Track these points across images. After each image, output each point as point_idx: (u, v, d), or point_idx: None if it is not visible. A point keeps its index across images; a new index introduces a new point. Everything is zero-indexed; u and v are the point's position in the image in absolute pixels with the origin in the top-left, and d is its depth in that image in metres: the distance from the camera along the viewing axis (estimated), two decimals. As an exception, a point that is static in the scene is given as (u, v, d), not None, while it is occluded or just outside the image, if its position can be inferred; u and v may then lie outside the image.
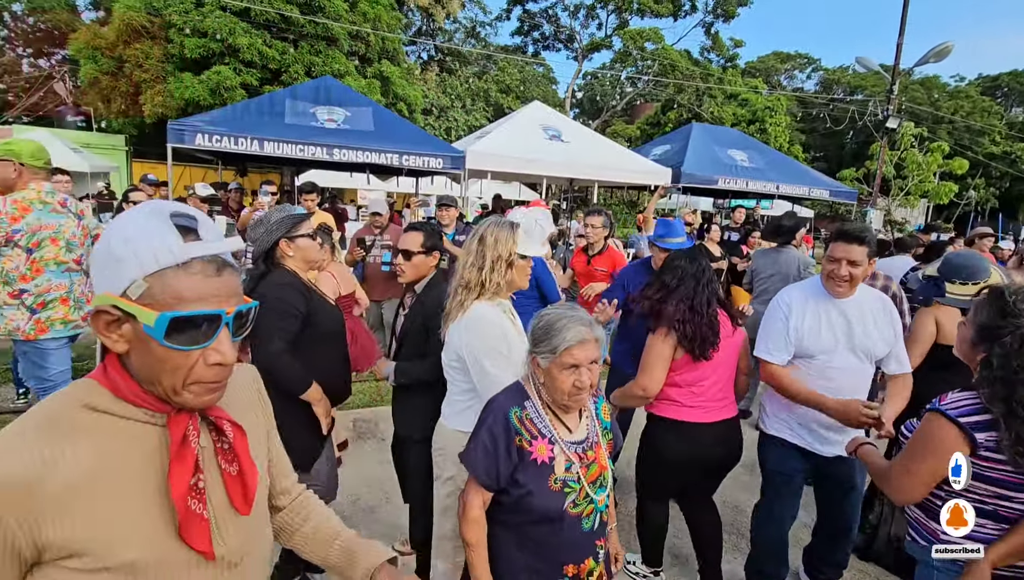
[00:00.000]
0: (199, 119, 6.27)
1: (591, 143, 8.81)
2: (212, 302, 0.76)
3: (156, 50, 13.22)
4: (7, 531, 0.69)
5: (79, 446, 0.74)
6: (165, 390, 0.77)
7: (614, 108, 33.39)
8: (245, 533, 0.88)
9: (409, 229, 2.37)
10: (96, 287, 0.77)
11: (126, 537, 0.75)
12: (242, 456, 0.86)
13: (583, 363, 1.41)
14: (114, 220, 0.80)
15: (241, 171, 14.77)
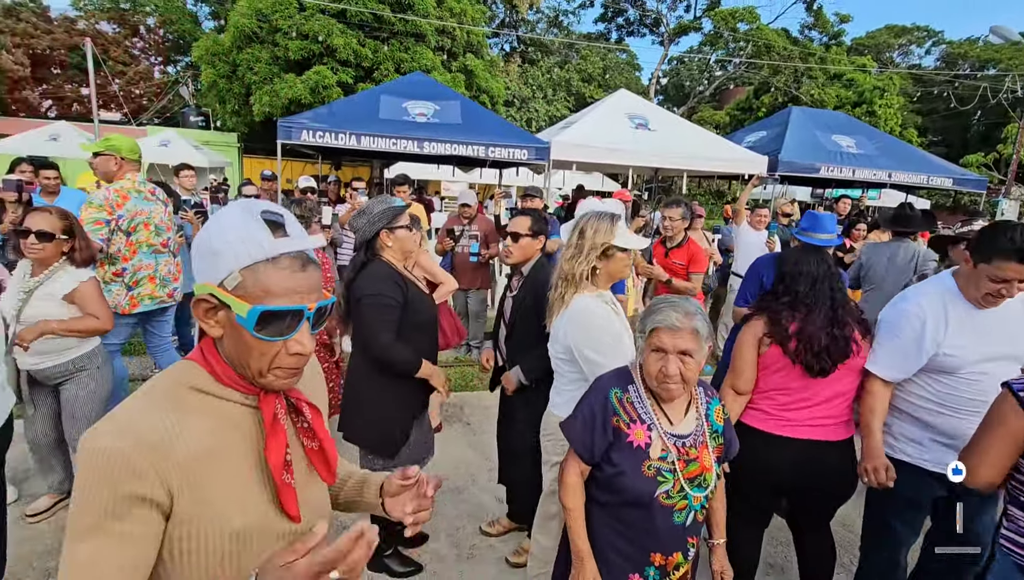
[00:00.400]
0: (304, 116, 6.74)
1: (680, 131, 8.47)
2: (296, 298, 0.82)
3: (264, 54, 14.34)
4: (152, 486, 0.76)
5: (192, 423, 0.81)
6: (252, 373, 0.85)
7: (701, 94, 31.87)
8: (317, 500, 0.97)
9: (518, 214, 2.51)
10: (196, 277, 0.85)
11: (234, 507, 0.83)
12: (320, 432, 0.94)
13: (669, 350, 1.41)
14: (213, 216, 0.88)
15: (336, 165, 15.74)
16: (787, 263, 2.07)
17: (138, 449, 0.75)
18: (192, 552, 0.81)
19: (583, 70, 26.62)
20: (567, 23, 30.82)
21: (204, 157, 12.71)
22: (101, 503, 0.74)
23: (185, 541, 0.80)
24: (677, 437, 1.49)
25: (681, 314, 1.41)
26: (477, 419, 4.20)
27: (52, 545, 2.60)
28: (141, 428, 0.77)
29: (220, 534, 0.82)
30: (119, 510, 0.74)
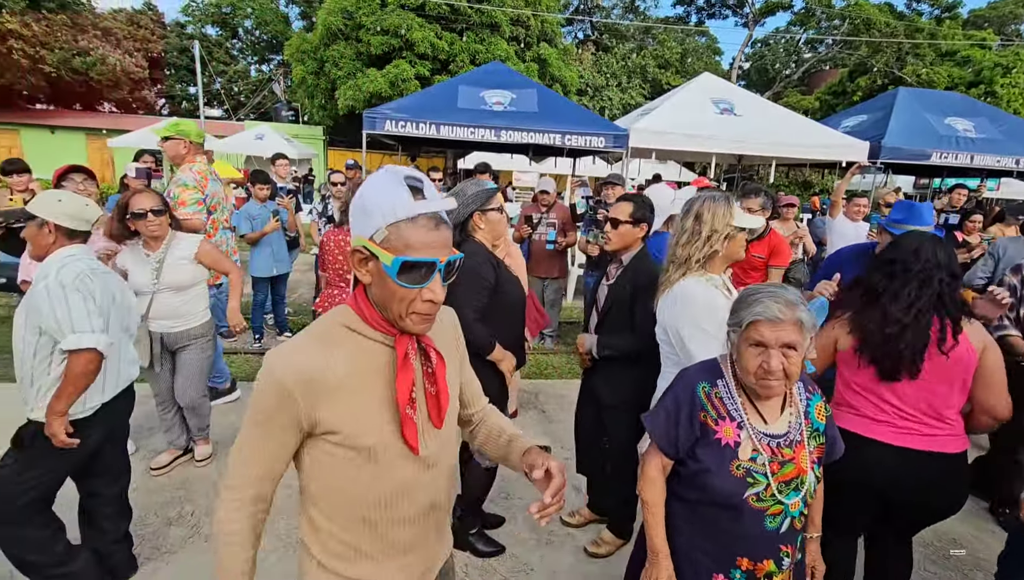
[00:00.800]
0: (387, 107, 6.99)
1: (768, 116, 7.98)
2: (430, 251, 0.94)
3: (349, 50, 15.01)
4: (296, 407, 0.95)
5: (340, 355, 0.98)
6: (393, 315, 0.99)
7: (788, 78, 29.84)
8: (439, 443, 1.10)
9: (621, 199, 2.42)
10: (352, 231, 1.00)
11: (368, 427, 0.99)
12: (440, 380, 1.07)
13: (771, 344, 1.29)
14: (366, 180, 1.00)
15: (412, 156, 16.26)
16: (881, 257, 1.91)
17: (295, 374, 0.94)
18: (330, 460, 1.00)
19: (659, 56, 25.70)
20: (643, 7, 29.84)
21: (294, 149, 13.54)
22: (264, 407, 0.96)
23: (326, 448, 0.99)
24: (771, 437, 1.38)
25: (783, 304, 1.29)
26: (552, 407, 4.21)
27: (172, 496, 2.90)
28: (300, 357, 0.96)
29: (354, 448, 0.99)
30: (274, 415, 0.96)
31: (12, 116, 17.23)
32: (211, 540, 1.07)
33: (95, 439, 2.06)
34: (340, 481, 1.01)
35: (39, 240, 1.98)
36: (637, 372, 2.26)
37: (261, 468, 1.00)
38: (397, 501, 1.05)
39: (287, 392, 0.94)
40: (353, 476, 1.01)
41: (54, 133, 17.43)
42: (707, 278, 1.89)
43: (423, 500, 1.09)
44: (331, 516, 1.04)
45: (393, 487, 1.04)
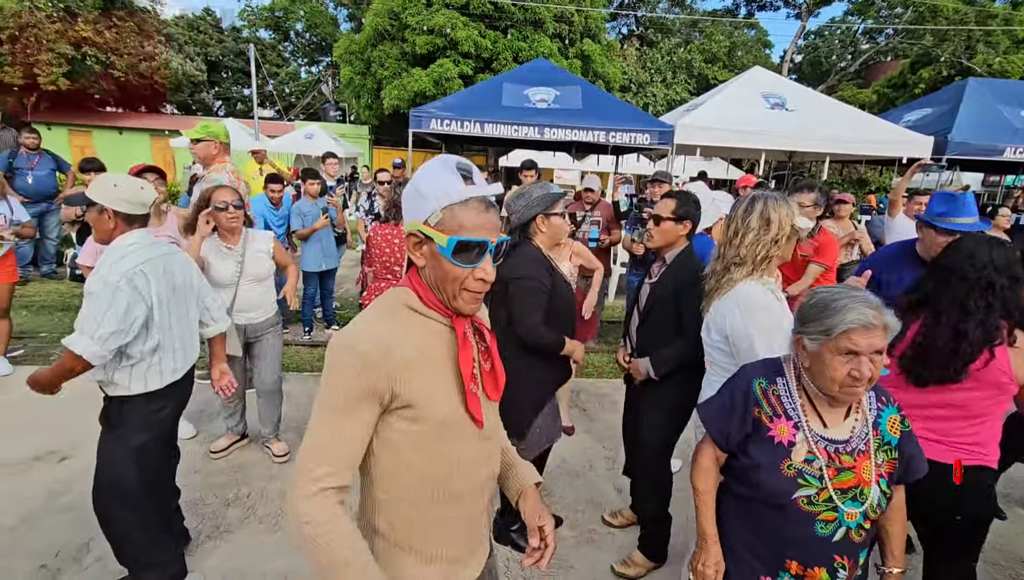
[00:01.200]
0: (433, 106, 7.10)
1: (823, 110, 7.65)
2: (482, 232, 1.00)
3: (395, 50, 15.31)
4: (379, 379, 0.97)
5: (407, 333, 1.02)
6: (447, 296, 1.04)
7: (844, 70, 28.46)
8: (494, 417, 1.18)
9: (665, 196, 2.38)
10: (406, 217, 1.06)
11: (439, 401, 1.03)
12: (495, 356, 1.14)
13: (864, 351, 1.24)
14: (419, 169, 1.07)
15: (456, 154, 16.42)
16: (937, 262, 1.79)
17: (376, 345, 0.97)
18: (401, 438, 1.03)
19: (707, 50, 25.00)
20: (690, 1, 29.11)
21: (341, 148, 13.93)
22: (343, 386, 0.97)
23: (400, 427, 1.02)
24: (829, 441, 1.34)
25: (874, 309, 1.24)
26: (593, 406, 4.19)
27: (229, 479, 3.05)
28: (378, 330, 1.00)
29: (430, 420, 1.02)
30: (356, 394, 0.97)
31: (86, 118, 18.45)
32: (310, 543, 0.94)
33: (172, 409, 2.20)
34: (411, 456, 1.04)
35: (100, 225, 2.03)
36: (679, 375, 2.22)
37: (342, 455, 0.98)
38: (460, 473, 1.08)
39: (371, 363, 0.96)
40: (422, 451, 1.04)
41: (122, 134, 18.56)
42: (763, 282, 1.84)
43: (483, 472, 1.14)
44: (398, 493, 1.06)
45: (457, 459, 1.07)
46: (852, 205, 5.16)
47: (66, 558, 2.40)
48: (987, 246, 1.71)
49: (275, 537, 2.62)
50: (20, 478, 2.92)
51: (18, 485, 2.85)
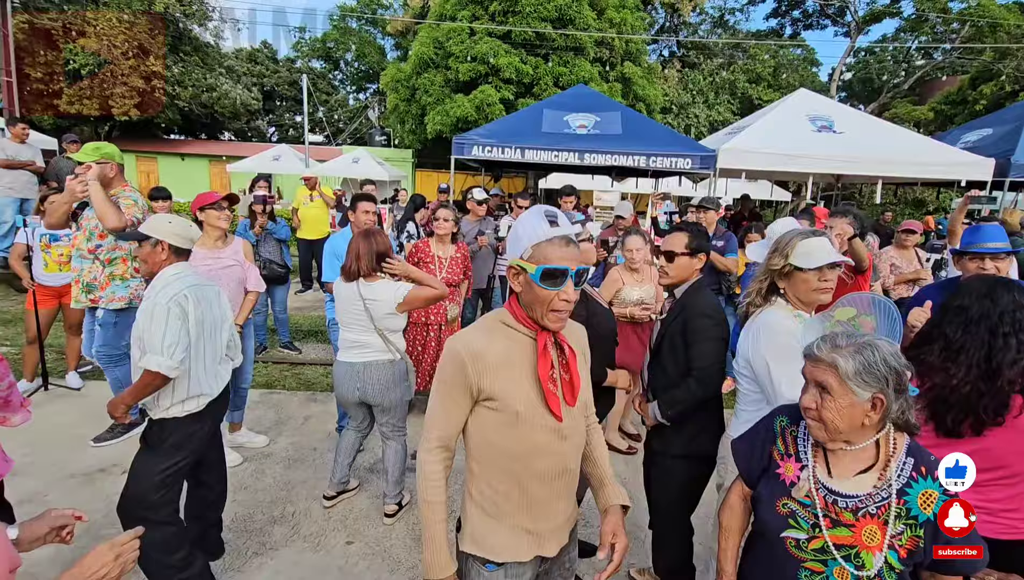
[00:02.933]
0: (475, 133, 7.28)
1: (871, 132, 7.40)
2: (564, 262, 1.26)
3: (439, 77, 15.81)
4: (469, 376, 1.29)
5: (498, 342, 1.33)
6: (536, 315, 1.30)
7: (897, 87, 27.47)
8: (572, 420, 1.38)
9: (676, 229, 2.30)
10: (508, 254, 1.36)
11: (516, 396, 1.31)
12: (572, 368, 1.37)
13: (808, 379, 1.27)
14: (519, 217, 1.37)
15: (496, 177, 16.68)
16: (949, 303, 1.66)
17: (468, 353, 1.30)
18: (490, 423, 1.33)
19: (750, 70, 24.68)
20: (733, 22, 28.89)
21: (385, 172, 14.40)
22: (446, 377, 1.33)
23: (488, 415, 1.33)
24: (830, 491, 1.28)
25: (828, 345, 1.23)
26: (616, 438, 4.13)
27: (275, 497, 3.16)
28: (471, 341, 1.32)
29: (508, 410, 1.31)
30: (453, 384, 1.32)
31: (151, 145, 19.82)
32: (424, 487, 1.36)
33: (207, 429, 2.33)
34: (493, 437, 1.33)
35: (153, 258, 2.25)
36: (694, 419, 2.10)
37: (446, 426, 1.35)
38: (535, 459, 1.33)
39: (461, 363, 1.29)
40: (504, 434, 1.32)
41: (183, 160, 19.82)
42: (797, 315, 1.82)
43: (557, 464, 1.36)
44: (485, 467, 1.37)
45: (532, 446, 1.32)
46: (920, 234, 4.92)
47: (126, 568, 2.53)
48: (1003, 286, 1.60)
49: (318, 555, 2.69)
50: (84, 489, 3.12)
51: (83, 495, 3.04)
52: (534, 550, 1.38)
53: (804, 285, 1.81)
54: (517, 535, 1.36)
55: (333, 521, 2.97)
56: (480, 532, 1.37)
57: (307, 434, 3.90)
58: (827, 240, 1.83)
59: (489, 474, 1.36)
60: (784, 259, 1.83)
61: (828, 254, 1.79)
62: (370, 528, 2.92)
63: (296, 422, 4.07)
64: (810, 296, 1.82)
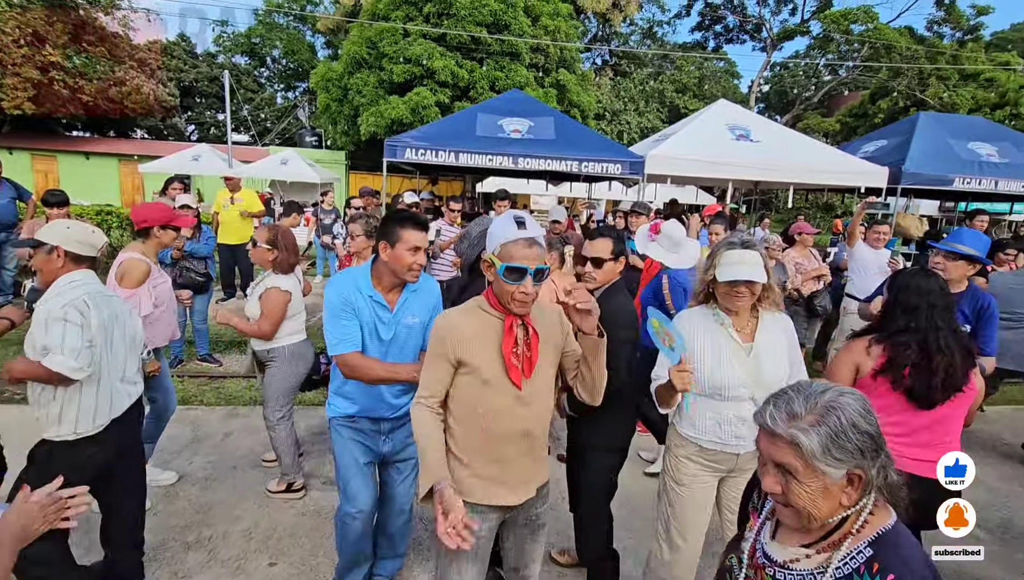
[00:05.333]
0: (408, 135, 7.16)
1: (785, 142, 7.95)
2: (525, 261, 1.52)
3: (372, 78, 15.46)
4: (448, 348, 1.60)
5: (473, 321, 1.63)
6: (504, 301, 1.58)
7: (808, 100, 29.75)
8: (533, 389, 1.64)
9: (597, 236, 2.33)
10: (487, 249, 1.62)
11: (484, 366, 1.59)
12: (534, 347, 1.64)
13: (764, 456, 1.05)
14: (494, 220, 1.67)
15: (433, 180, 16.49)
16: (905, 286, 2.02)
17: (447, 328, 1.61)
18: (465, 385, 1.62)
19: (677, 81, 25.90)
20: (661, 34, 30.24)
21: (316, 174, 13.87)
22: (434, 347, 1.63)
23: (463, 379, 1.61)
24: (763, 553, 1.12)
25: (783, 413, 0.97)
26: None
27: (191, 521, 2.95)
28: (451, 319, 1.64)
29: (478, 379, 1.60)
30: (435, 353, 1.62)
31: (50, 143, 18.04)
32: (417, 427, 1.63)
33: (104, 455, 2.13)
34: (467, 399, 1.62)
35: (48, 266, 2.07)
36: (612, 413, 2.14)
37: (428, 386, 1.63)
38: (499, 419, 1.61)
39: (442, 336, 1.60)
40: (475, 396, 1.60)
41: (88, 159, 18.19)
42: (715, 312, 1.96)
43: (519, 425, 1.63)
44: (462, 424, 1.64)
45: (497, 408, 1.60)
46: (810, 235, 5.36)
47: None
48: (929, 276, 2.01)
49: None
50: None
51: None
52: (500, 498, 1.66)
53: (721, 292, 1.93)
54: (485, 483, 1.64)
55: (255, 542, 2.80)
56: (456, 478, 1.61)
57: (227, 452, 3.67)
58: (753, 254, 1.87)
59: (464, 431, 1.63)
60: (712, 266, 1.94)
61: (744, 271, 1.84)
62: (295, 547, 2.78)
63: (215, 440, 3.82)
64: (727, 302, 1.93)
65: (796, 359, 1.98)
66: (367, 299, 2.07)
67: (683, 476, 2.02)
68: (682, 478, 2.02)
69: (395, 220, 2.01)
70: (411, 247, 1.99)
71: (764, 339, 1.93)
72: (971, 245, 2.82)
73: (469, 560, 1.66)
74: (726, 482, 2.04)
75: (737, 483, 2.00)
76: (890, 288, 2.05)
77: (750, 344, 1.92)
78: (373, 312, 2.08)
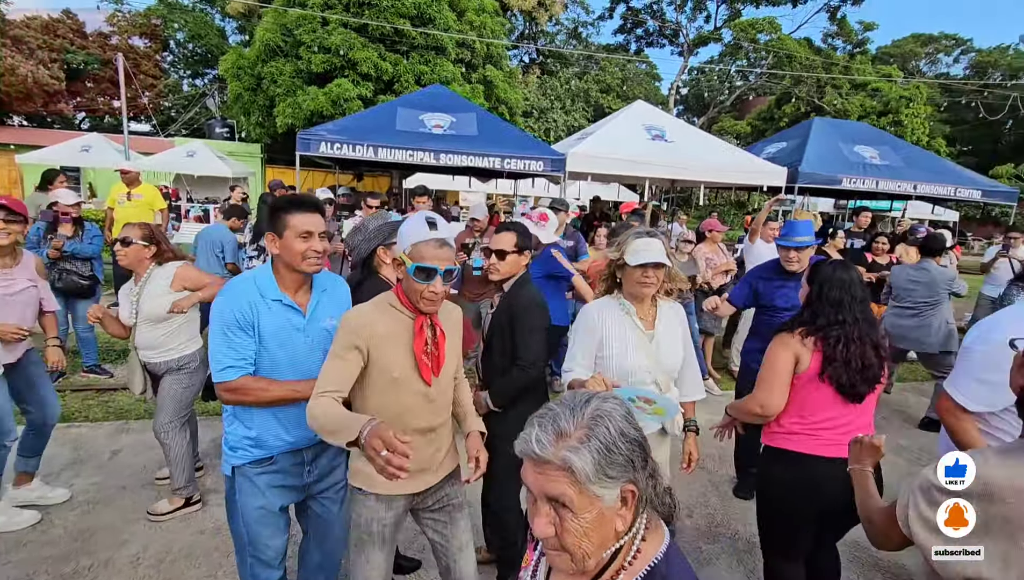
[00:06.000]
0: (323, 128, 6.85)
1: (697, 142, 8.39)
2: (435, 261, 1.55)
3: (288, 67, 14.67)
4: (360, 340, 1.57)
5: (384, 319, 1.62)
6: (413, 300, 1.61)
7: (722, 104, 31.64)
8: (439, 387, 1.71)
9: (501, 229, 2.36)
10: (398, 248, 1.63)
11: (394, 365, 1.61)
12: (440, 347, 1.69)
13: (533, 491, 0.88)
14: (408, 217, 1.70)
15: (358, 176, 15.93)
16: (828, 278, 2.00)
17: (362, 323, 1.59)
18: (372, 384, 1.62)
19: (602, 81, 26.65)
20: (586, 35, 30.98)
21: (227, 167, 13.00)
22: (341, 342, 1.58)
23: (371, 377, 1.61)
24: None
25: (549, 433, 0.81)
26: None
27: (67, 550, 2.65)
28: (365, 315, 1.62)
29: (386, 376, 1.61)
30: (346, 346, 1.57)
31: (-94, 128, 15.72)
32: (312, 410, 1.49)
33: None
34: (376, 396, 1.63)
35: None
36: (521, 405, 2.17)
37: (340, 380, 1.56)
38: (406, 416, 1.65)
39: (353, 330, 1.57)
40: (384, 393, 1.62)
41: (-45, 147, 16.02)
42: (620, 302, 2.03)
43: (424, 420, 1.69)
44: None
45: (404, 406, 1.64)
46: (720, 232, 5.72)
47: None
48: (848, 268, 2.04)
49: (119, 616, 2.30)
50: None
51: None
52: (405, 487, 1.68)
53: (630, 279, 2.00)
54: None
55: (144, 567, 2.57)
56: (361, 469, 1.65)
57: (114, 472, 3.34)
58: (659, 242, 1.97)
59: None
60: (620, 254, 2.00)
61: (652, 254, 1.93)
62: (192, 570, 2.57)
63: (100, 459, 3.47)
64: (635, 289, 2.00)
65: (689, 344, 2.12)
66: (272, 304, 1.75)
67: None
68: None
69: (278, 207, 1.75)
70: (301, 233, 1.70)
71: (663, 326, 2.06)
72: (804, 232, 3.11)
73: (376, 546, 1.71)
74: None
75: None
76: (811, 280, 2.06)
77: (651, 332, 2.03)
78: (284, 318, 1.77)
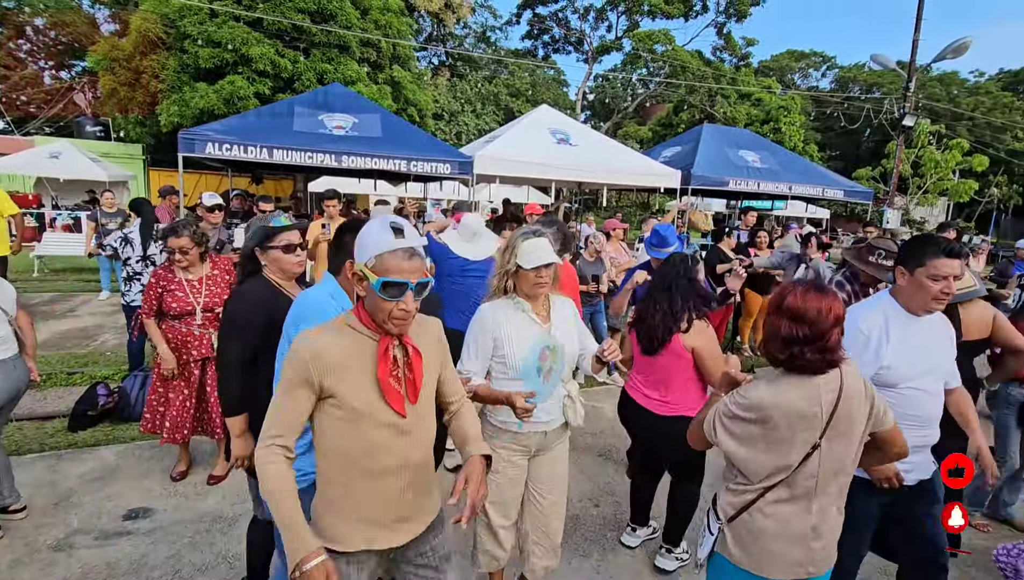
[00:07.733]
0: (209, 128, 6.35)
1: (599, 146, 8.75)
2: (404, 275, 1.31)
3: (172, 61, 13.47)
4: (310, 374, 1.31)
5: (341, 342, 1.36)
6: (379, 320, 1.35)
7: (626, 110, 33.22)
8: (416, 416, 1.43)
9: None
10: (357, 259, 1.37)
11: (356, 394, 1.35)
12: (416, 368, 1.43)
13: None
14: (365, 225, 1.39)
15: (257, 178, 14.93)
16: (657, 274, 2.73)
17: (309, 353, 1.32)
18: (330, 417, 1.36)
19: (511, 85, 27.02)
20: (495, 39, 31.27)
21: (103, 170, 11.71)
22: (288, 377, 1.33)
23: (326, 411, 1.36)
24: None
25: None
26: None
27: None
28: (314, 341, 1.34)
29: (347, 408, 1.34)
30: (295, 382, 1.32)
31: None
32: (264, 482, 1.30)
33: None
34: (335, 435, 1.37)
35: None
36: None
37: (282, 422, 1.33)
38: (374, 456, 1.38)
39: (303, 361, 1.31)
40: (344, 432, 1.36)
41: None
42: (515, 301, 2.07)
43: (396, 459, 1.40)
44: (330, 462, 1.39)
45: (370, 444, 1.37)
46: (621, 230, 6.00)
47: None
48: (679, 259, 2.70)
49: None
50: None
51: None
52: (377, 542, 1.42)
53: (526, 281, 2.03)
54: (359, 527, 1.40)
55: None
56: (323, 524, 1.40)
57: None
58: (546, 241, 2.05)
59: (332, 470, 1.39)
60: (512, 258, 2.03)
61: (543, 256, 2.00)
62: None
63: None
64: (531, 290, 2.05)
65: (584, 332, 2.26)
66: None
67: (498, 463, 2.07)
68: (497, 465, 2.07)
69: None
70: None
71: (558, 318, 2.15)
72: (667, 234, 3.55)
73: None
74: (535, 460, 2.18)
75: (543, 461, 2.18)
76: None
77: (548, 324, 2.11)
78: None
